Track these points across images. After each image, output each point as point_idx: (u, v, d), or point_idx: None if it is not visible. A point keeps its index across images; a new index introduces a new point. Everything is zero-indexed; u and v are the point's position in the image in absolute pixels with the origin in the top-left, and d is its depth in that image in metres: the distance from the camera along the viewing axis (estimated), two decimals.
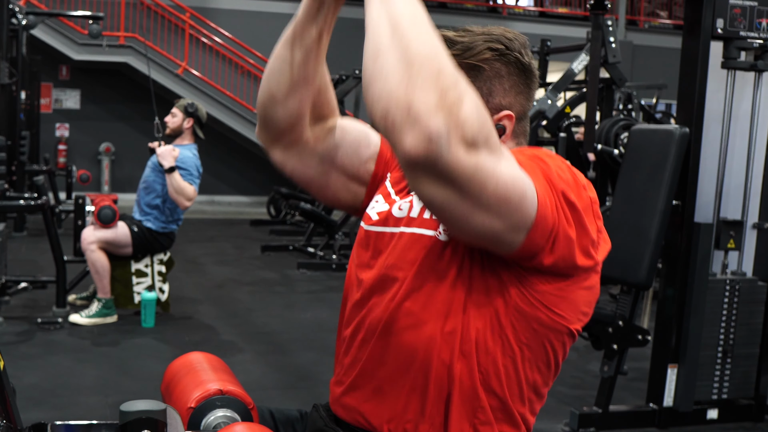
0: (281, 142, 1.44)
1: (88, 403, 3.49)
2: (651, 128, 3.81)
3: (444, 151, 0.98)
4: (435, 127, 0.97)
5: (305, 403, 1.57)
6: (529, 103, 1.35)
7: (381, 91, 1.01)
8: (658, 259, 3.37)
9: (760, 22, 3.45)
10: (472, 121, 1.00)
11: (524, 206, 1.10)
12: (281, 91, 1.37)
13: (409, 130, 0.98)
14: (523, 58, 1.31)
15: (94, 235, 4.74)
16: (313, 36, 1.34)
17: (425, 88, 0.98)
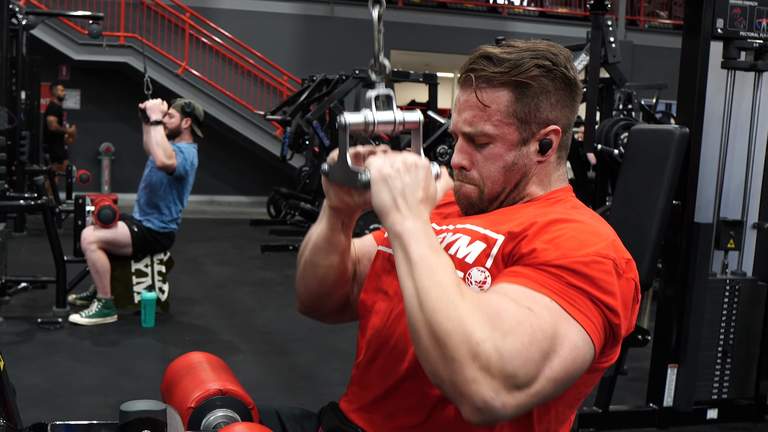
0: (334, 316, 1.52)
1: (88, 403, 3.49)
2: (651, 128, 3.81)
3: (500, 409, 1.03)
4: (481, 400, 1.03)
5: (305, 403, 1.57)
6: (573, 115, 1.36)
7: (427, 369, 1.09)
8: (658, 259, 3.37)
9: (760, 22, 3.45)
10: (515, 367, 1.04)
11: (586, 361, 1.13)
12: (330, 289, 1.45)
13: (462, 404, 1.05)
14: (568, 73, 1.32)
15: (94, 235, 4.73)
16: (343, 241, 1.40)
17: (459, 364, 1.04)
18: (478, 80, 1.30)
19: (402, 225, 1.14)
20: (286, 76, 12.43)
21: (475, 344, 1.03)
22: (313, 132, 8.49)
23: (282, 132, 10.40)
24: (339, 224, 1.37)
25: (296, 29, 12.83)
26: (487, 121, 1.30)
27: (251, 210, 12.01)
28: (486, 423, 1.05)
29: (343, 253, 1.41)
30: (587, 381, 1.26)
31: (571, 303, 1.12)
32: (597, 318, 1.14)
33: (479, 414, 1.03)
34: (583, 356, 1.12)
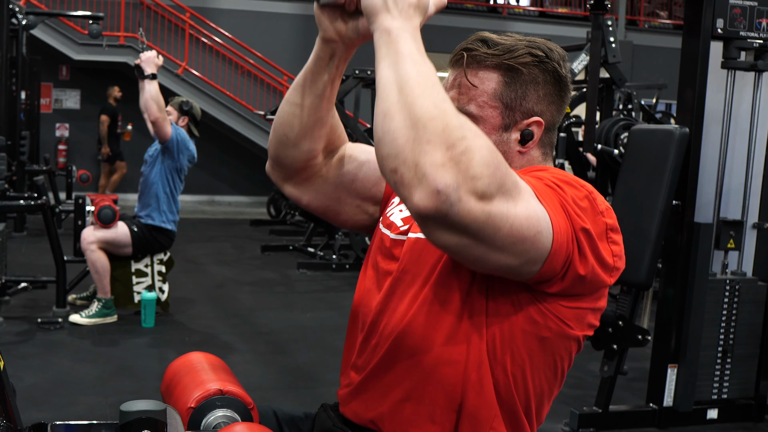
0: (295, 179, 1.47)
1: (88, 403, 3.49)
2: (651, 128, 3.81)
3: (454, 204, 1.01)
4: (442, 184, 1.00)
5: (305, 403, 1.57)
6: (560, 115, 1.35)
7: (390, 150, 1.04)
8: (658, 259, 3.37)
9: (760, 22, 3.45)
10: (482, 173, 1.02)
11: (539, 242, 1.12)
12: (295, 134, 1.40)
13: (417, 187, 1.01)
14: (560, 70, 1.32)
15: (94, 235, 4.74)
16: (325, 81, 1.36)
17: (431, 146, 1.01)
18: (470, 59, 1.30)
19: (391, 23, 1.11)
20: (286, 76, 12.43)
21: (455, 137, 1.01)
22: None
23: None
24: (327, 57, 1.33)
25: (296, 29, 12.83)
26: (472, 100, 1.30)
27: (251, 210, 12.01)
28: (436, 213, 1.01)
29: (321, 98, 1.37)
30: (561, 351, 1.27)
31: (540, 192, 1.15)
32: (564, 220, 1.15)
33: (435, 199, 1.00)
34: (538, 226, 1.10)
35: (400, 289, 1.32)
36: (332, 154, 1.47)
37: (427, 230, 1.06)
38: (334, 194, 1.48)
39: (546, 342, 1.26)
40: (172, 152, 4.82)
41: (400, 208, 1.44)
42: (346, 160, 1.48)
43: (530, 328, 1.24)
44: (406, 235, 1.37)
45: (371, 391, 1.34)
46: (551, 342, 1.26)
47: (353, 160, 1.48)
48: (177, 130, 4.84)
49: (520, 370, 1.26)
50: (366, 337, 1.37)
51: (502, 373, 1.25)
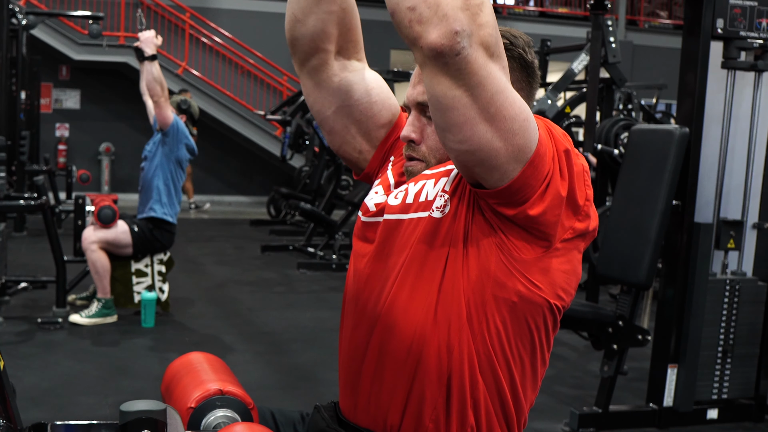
0: (307, 67, 1.47)
1: (88, 403, 3.49)
2: (651, 128, 3.81)
3: (466, 46, 1.07)
4: (460, 25, 1.07)
5: (305, 403, 1.57)
6: (530, 100, 1.36)
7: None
8: (658, 259, 3.37)
9: (760, 22, 3.45)
10: (491, 29, 1.10)
11: (527, 133, 1.15)
12: (301, 9, 1.41)
13: (437, 24, 1.07)
14: (526, 56, 1.33)
15: (95, 235, 4.74)
16: None
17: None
18: None
19: None
20: (286, 76, 12.43)
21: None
22: (313, 132, 8.50)
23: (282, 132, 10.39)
24: None
25: None
26: None
27: (251, 210, 12.01)
28: (448, 52, 1.07)
29: None
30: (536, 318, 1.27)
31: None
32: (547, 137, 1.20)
33: (451, 38, 1.06)
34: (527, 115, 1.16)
35: (377, 271, 1.34)
36: (345, 56, 1.48)
37: (431, 72, 1.11)
38: (338, 110, 1.48)
39: (516, 308, 1.25)
40: (171, 139, 4.83)
41: (375, 191, 1.45)
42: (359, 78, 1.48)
43: (500, 293, 1.24)
44: (381, 217, 1.37)
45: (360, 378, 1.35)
46: (521, 308, 1.25)
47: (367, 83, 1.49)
48: (177, 119, 4.86)
49: (498, 340, 1.26)
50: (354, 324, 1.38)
51: (482, 344, 1.26)
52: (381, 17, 12.66)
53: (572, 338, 4.73)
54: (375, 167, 1.52)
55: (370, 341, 1.33)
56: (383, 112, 1.49)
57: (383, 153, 1.51)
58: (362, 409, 1.35)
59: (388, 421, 1.31)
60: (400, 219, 1.33)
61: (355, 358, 1.36)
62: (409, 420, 1.29)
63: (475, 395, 1.27)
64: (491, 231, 1.24)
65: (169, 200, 4.90)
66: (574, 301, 4.01)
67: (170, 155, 4.87)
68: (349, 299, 1.41)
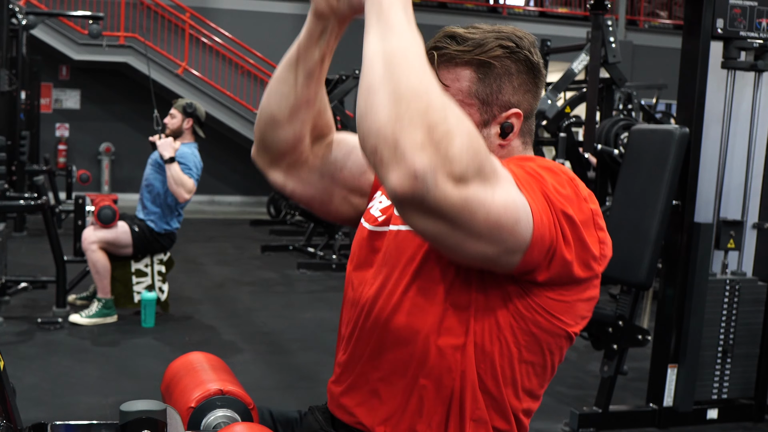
0: (281, 165, 1.44)
1: (88, 403, 3.49)
2: (651, 128, 3.81)
3: (430, 188, 0.99)
4: (420, 165, 0.98)
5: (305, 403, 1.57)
6: (536, 101, 1.34)
7: (371, 126, 1.02)
8: (658, 259, 3.37)
9: (760, 22, 3.45)
10: (461, 157, 1.00)
11: (518, 230, 1.10)
12: (283, 114, 1.38)
13: (395, 167, 0.99)
14: (532, 57, 1.31)
15: (95, 235, 4.74)
16: (315, 58, 1.35)
17: (412, 126, 0.99)
18: (441, 58, 1.29)
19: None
20: None
21: (437, 118, 1.00)
22: None
23: None
24: (318, 33, 1.33)
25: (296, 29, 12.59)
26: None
27: (251, 210, 12.01)
28: (411, 196, 1.00)
29: (310, 77, 1.36)
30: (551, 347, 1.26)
31: (521, 181, 1.14)
32: (545, 208, 1.14)
33: (411, 182, 0.98)
34: (517, 214, 1.09)
35: (381, 282, 1.31)
36: (319, 140, 1.46)
37: (405, 214, 1.05)
38: (321, 183, 1.46)
39: (535, 337, 1.24)
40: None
41: (380, 200, 1.43)
42: (334, 147, 1.46)
43: (519, 324, 1.23)
44: (387, 227, 1.36)
45: (358, 387, 1.33)
46: (541, 337, 1.24)
47: (341, 147, 1.47)
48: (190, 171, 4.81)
49: (509, 364, 1.25)
50: (351, 332, 1.36)
51: (490, 366, 1.24)
52: None
53: None
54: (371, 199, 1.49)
55: (370, 350, 1.31)
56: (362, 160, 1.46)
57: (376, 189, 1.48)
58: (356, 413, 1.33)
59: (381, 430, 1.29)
60: (408, 231, 1.30)
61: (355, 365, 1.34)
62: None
63: (474, 414, 1.26)
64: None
65: (172, 216, 4.90)
66: None
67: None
68: (350, 305, 1.38)
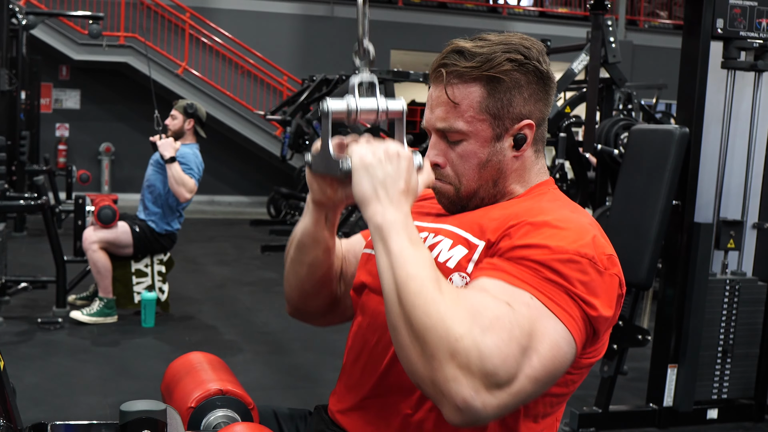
0: (326, 318, 1.51)
1: (88, 403, 3.49)
2: (651, 128, 3.81)
3: (479, 410, 1.02)
4: (461, 399, 1.01)
5: (305, 403, 1.57)
6: (547, 108, 1.34)
7: (408, 367, 1.07)
8: (658, 259, 3.37)
9: (760, 22, 3.45)
10: (494, 365, 1.02)
11: (568, 357, 1.12)
12: (312, 288, 1.43)
13: (442, 404, 1.03)
14: (541, 66, 1.30)
15: (95, 235, 4.74)
16: (327, 237, 1.37)
17: (438, 361, 1.02)
18: (450, 76, 1.29)
19: (383, 216, 1.12)
20: (286, 76, 12.43)
21: (454, 341, 1.01)
22: (313, 132, 8.50)
23: (282, 132, 10.39)
24: (322, 219, 1.34)
25: (296, 29, 12.83)
26: (460, 117, 1.28)
27: (251, 210, 12.00)
28: (468, 424, 1.03)
29: (327, 249, 1.38)
30: (574, 378, 1.25)
31: (549, 298, 1.11)
32: (576, 313, 1.12)
33: (460, 414, 1.01)
34: (564, 354, 1.10)
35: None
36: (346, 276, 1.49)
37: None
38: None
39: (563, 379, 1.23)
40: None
41: None
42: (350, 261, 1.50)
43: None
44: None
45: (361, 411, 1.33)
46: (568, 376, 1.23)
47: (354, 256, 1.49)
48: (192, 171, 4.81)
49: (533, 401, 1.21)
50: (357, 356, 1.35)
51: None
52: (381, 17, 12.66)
53: None
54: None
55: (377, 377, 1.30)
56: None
57: None
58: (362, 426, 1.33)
59: None
60: None
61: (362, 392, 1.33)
62: None
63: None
64: None
65: (173, 216, 4.91)
66: None
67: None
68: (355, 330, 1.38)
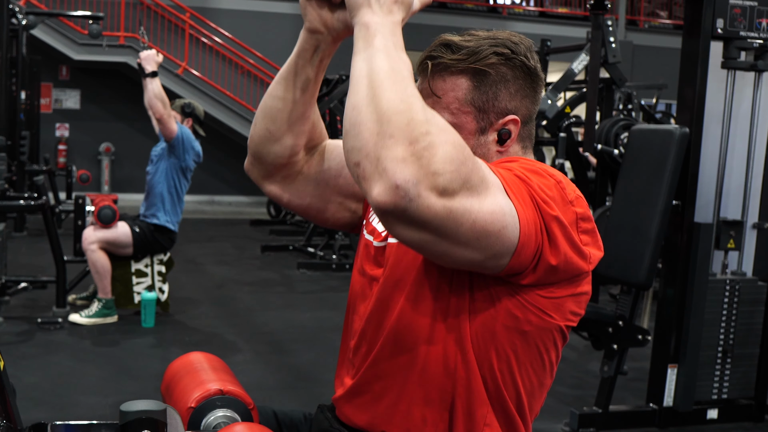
0: (276, 177, 1.46)
1: (88, 403, 3.49)
2: (651, 128, 3.81)
3: (413, 199, 1.01)
4: (401, 179, 1.00)
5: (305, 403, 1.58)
6: (534, 106, 1.34)
7: (355, 143, 1.05)
8: (658, 259, 3.37)
9: (760, 22, 3.44)
10: (444, 169, 1.02)
11: (505, 236, 1.11)
12: (279, 130, 1.39)
13: (377, 181, 1.02)
14: (528, 62, 1.30)
15: (95, 235, 4.74)
16: (308, 75, 1.36)
17: (393, 141, 1.02)
18: (436, 67, 1.30)
19: (371, 18, 1.12)
20: None
21: (419, 132, 1.02)
22: None
23: None
24: (311, 49, 1.34)
25: (296, 29, 12.66)
26: (445, 109, 1.29)
27: (251, 210, 12.01)
28: (394, 209, 1.02)
29: (305, 91, 1.37)
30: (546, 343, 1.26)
31: (509, 185, 1.14)
32: (532, 212, 1.14)
33: (393, 194, 1.01)
34: (504, 222, 1.10)
35: (387, 295, 1.32)
36: (313, 150, 1.47)
37: (388, 225, 1.07)
38: (316, 191, 1.48)
39: (528, 335, 1.25)
40: (177, 150, 4.85)
41: None
42: (327, 156, 1.48)
43: (511, 323, 1.24)
44: (387, 241, 1.36)
45: (363, 395, 1.34)
46: (533, 335, 1.25)
47: (334, 155, 1.48)
48: (182, 128, 4.88)
49: (507, 366, 1.26)
50: (357, 343, 1.37)
51: (489, 369, 1.25)
52: None
53: (572, 338, 4.73)
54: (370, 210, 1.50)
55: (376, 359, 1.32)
56: None
57: None
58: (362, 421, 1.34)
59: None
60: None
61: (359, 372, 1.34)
62: None
63: (478, 418, 1.26)
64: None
65: (172, 208, 4.91)
66: None
67: (176, 164, 4.89)
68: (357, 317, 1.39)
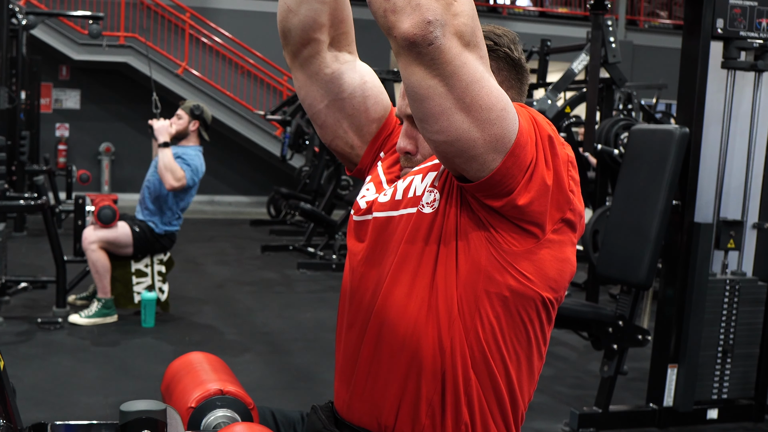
0: (299, 58, 1.47)
1: (88, 403, 3.49)
2: (651, 128, 3.81)
3: (439, 36, 1.08)
4: (433, 15, 1.07)
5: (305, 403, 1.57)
6: (521, 97, 1.36)
7: None
8: (658, 259, 3.37)
9: (760, 22, 3.45)
10: (466, 18, 1.10)
11: (505, 123, 1.14)
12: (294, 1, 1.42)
13: (410, 14, 1.08)
14: (512, 53, 1.32)
15: (95, 234, 4.74)
16: None
17: None
18: None
19: None
20: (286, 76, 12.42)
21: None
22: (313, 132, 8.49)
23: (282, 132, 10.39)
24: None
25: None
26: None
27: (251, 210, 12.01)
28: (422, 41, 1.08)
29: None
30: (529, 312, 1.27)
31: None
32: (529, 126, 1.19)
33: (424, 28, 1.07)
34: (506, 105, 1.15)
35: (370, 269, 1.34)
36: (337, 48, 1.47)
37: (406, 62, 1.11)
38: (330, 103, 1.47)
39: (509, 302, 1.25)
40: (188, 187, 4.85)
41: (367, 188, 1.45)
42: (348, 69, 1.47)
43: (492, 288, 1.24)
44: (371, 215, 1.37)
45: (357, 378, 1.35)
46: (513, 302, 1.25)
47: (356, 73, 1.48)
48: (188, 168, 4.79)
49: (492, 336, 1.26)
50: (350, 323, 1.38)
51: (476, 339, 1.26)
52: None
53: (572, 338, 4.73)
54: (367, 163, 1.52)
55: (365, 338, 1.33)
56: (376, 106, 1.49)
57: (375, 149, 1.51)
58: (356, 406, 1.35)
59: (382, 419, 1.31)
60: (390, 216, 1.34)
61: (351, 355, 1.36)
62: (404, 418, 1.29)
63: (468, 392, 1.27)
64: (480, 225, 1.24)
65: (173, 216, 4.91)
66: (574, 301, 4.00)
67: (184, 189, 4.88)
68: (344, 297, 1.42)
